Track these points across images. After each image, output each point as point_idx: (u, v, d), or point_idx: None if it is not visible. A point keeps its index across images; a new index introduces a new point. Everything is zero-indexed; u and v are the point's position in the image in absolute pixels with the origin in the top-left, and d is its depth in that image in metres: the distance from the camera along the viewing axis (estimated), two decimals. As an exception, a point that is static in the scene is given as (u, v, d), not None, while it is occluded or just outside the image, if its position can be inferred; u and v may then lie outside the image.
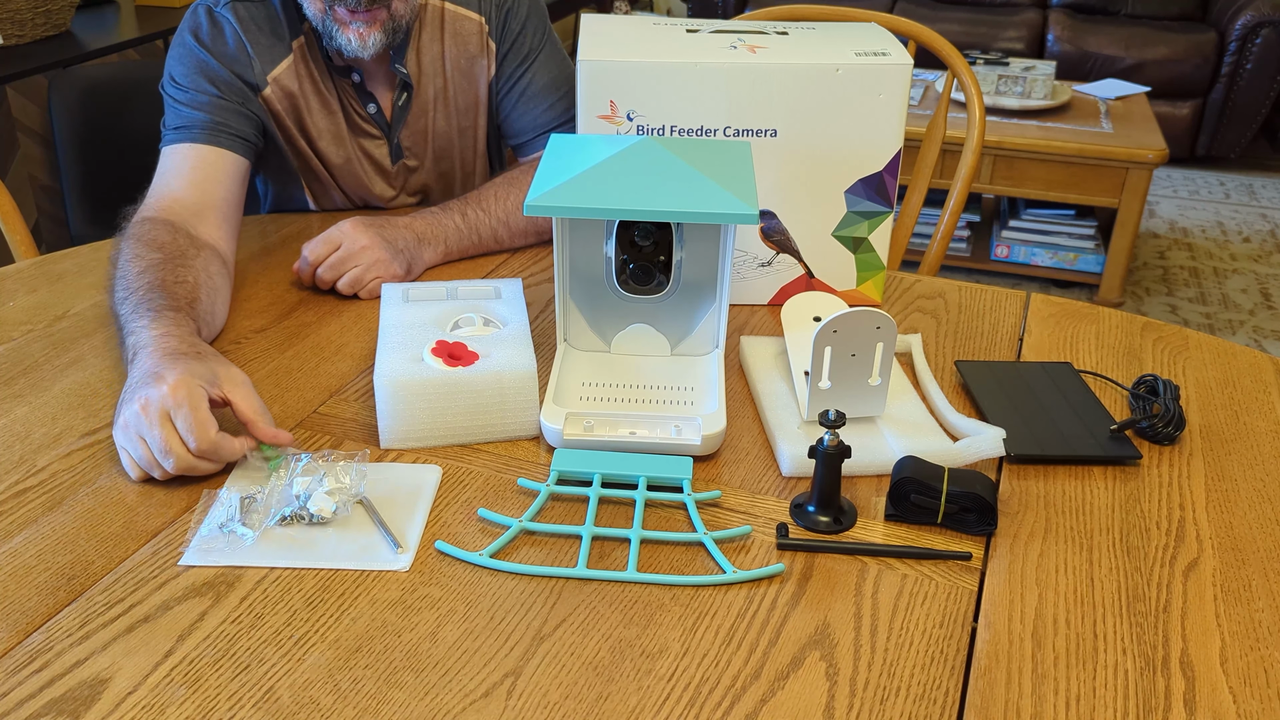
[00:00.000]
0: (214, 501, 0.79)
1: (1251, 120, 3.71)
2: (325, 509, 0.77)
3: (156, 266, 0.99)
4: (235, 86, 1.20)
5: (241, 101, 1.20)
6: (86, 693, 0.63)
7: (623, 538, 0.78)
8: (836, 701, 0.64)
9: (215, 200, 1.14)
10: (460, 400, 0.86)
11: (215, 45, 1.19)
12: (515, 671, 0.66)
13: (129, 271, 0.99)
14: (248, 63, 1.20)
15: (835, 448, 0.77)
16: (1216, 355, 1.05)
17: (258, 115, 1.22)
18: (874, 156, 1.06)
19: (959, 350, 1.05)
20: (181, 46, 1.20)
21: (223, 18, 1.20)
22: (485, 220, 1.22)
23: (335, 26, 1.16)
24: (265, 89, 1.22)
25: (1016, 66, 2.96)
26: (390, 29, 1.18)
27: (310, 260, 1.12)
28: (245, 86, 1.20)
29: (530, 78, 1.31)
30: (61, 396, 0.94)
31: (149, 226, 1.06)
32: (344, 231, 1.12)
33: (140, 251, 1.01)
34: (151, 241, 1.02)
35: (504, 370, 0.87)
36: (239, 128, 1.19)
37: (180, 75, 1.19)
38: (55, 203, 2.29)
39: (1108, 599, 0.73)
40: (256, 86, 1.21)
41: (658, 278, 0.95)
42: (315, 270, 1.12)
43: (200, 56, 1.19)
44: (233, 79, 1.19)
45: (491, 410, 0.87)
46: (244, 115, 1.20)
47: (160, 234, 1.04)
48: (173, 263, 1.00)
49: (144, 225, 1.06)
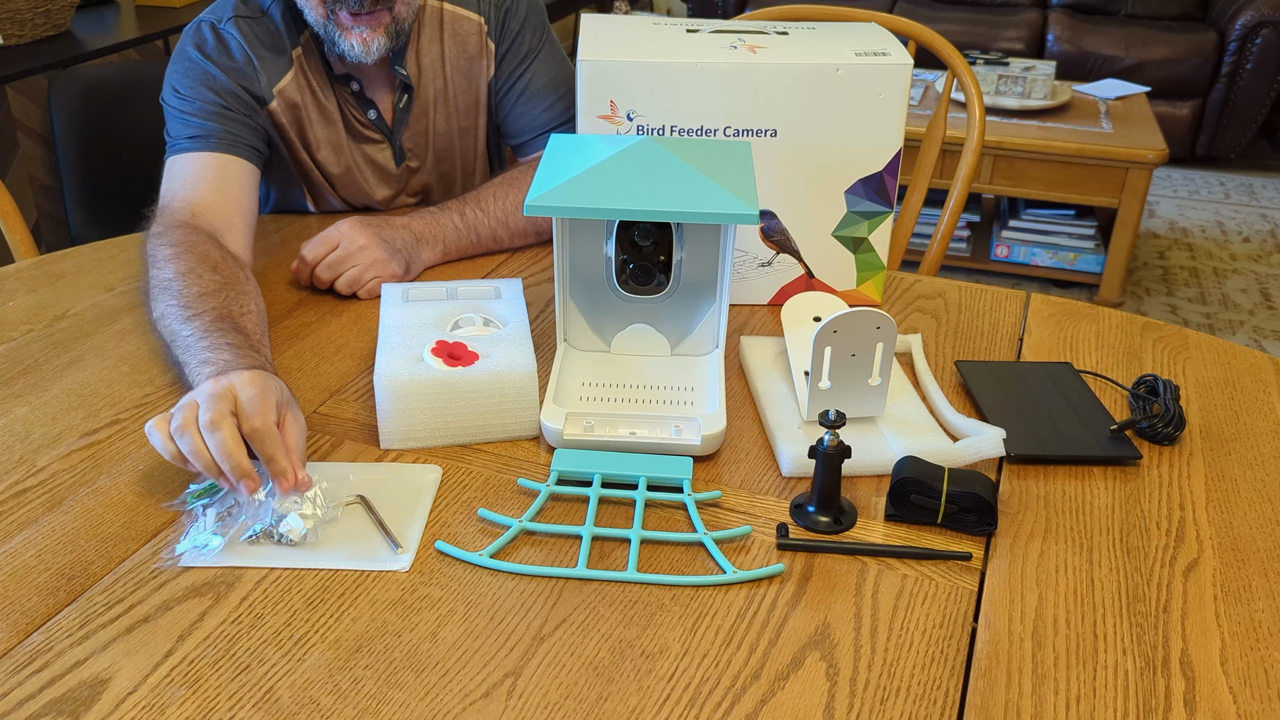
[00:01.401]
0: (188, 521, 0.78)
1: (1251, 120, 3.71)
2: (295, 531, 0.76)
3: (218, 292, 0.97)
4: (243, 99, 1.19)
5: (249, 114, 1.20)
6: (86, 693, 0.63)
7: (623, 538, 0.78)
8: (836, 701, 0.64)
9: (241, 209, 1.14)
10: (460, 400, 0.86)
11: (221, 60, 1.19)
12: (515, 671, 0.66)
13: (188, 291, 0.96)
14: (254, 76, 1.20)
15: (835, 448, 0.77)
16: (1216, 355, 1.05)
17: (264, 128, 1.22)
18: (874, 156, 1.06)
19: (959, 350, 1.05)
20: (186, 61, 1.20)
21: (227, 33, 1.20)
22: (484, 220, 1.22)
23: (338, 32, 1.16)
24: (271, 102, 1.22)
25: (1016, 66, 2.96)
26: (393, 32, 1.18)
27: (308, 260, 1.12)
28: (252, 100, 1.20)
29: (529, 78, 1.31)
30: (61, 396, 0.94)
31: (190, 234, 1.04)
32: (342, 231, 1.12)
33: (194, 267, 0.99)
34: (204, 258, 1.01)
35: (504, 370, 0.87)
36: (249, 138, 1.19)
37: (185, 88, 1.18)
38: (55, 203, 2.29)
39: (1108, 599, 0.73)
40: (263, 100, 1.21)
41: (658, 278, 0.95)
42: (313, 270, 1.12)
43: (207, 70, 1.18)
44: (240, 92, 1.19)
45: (491, 410, 0.87)
46: (252, 127, 1.20)
47: (209, 250, 1.02)
48: (232, 290, 0.98)
49: (185, 231, 1.05)
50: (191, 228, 1.06)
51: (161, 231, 1.06)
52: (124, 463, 0.85)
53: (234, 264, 1.03)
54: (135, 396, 0.94)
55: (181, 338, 0.92)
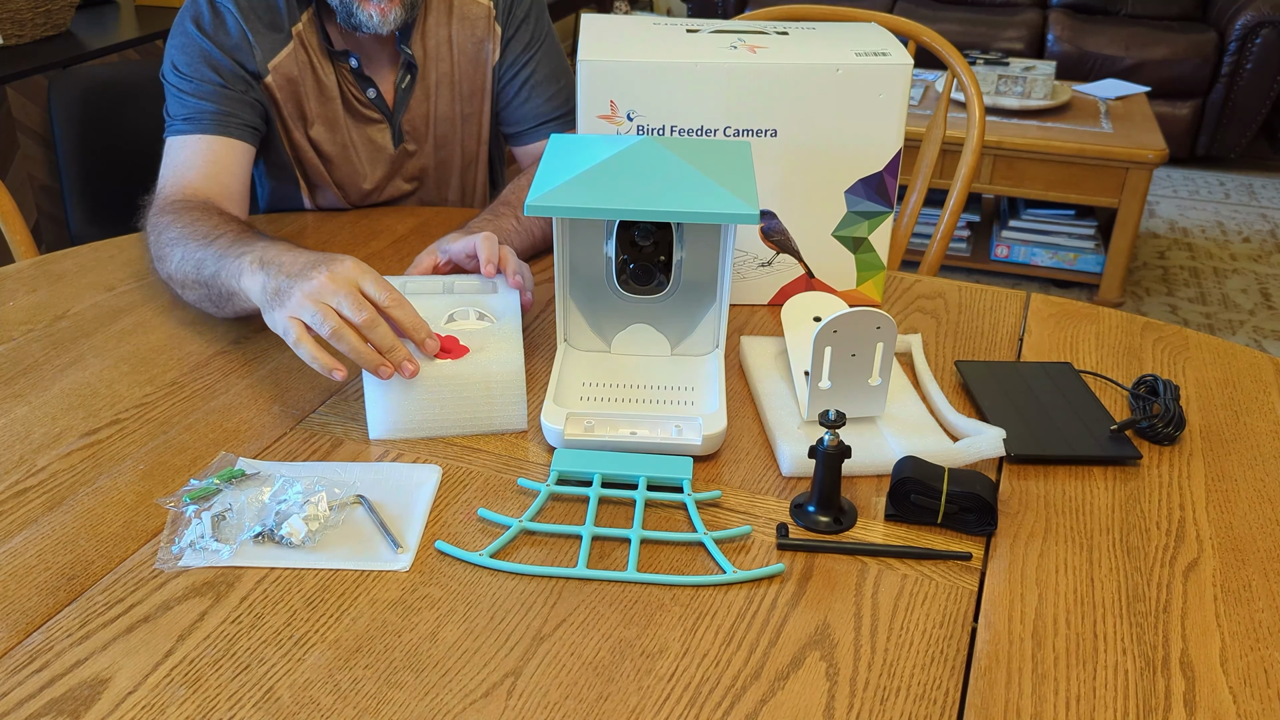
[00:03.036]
0: (183, 522, 0.78)
1: (1251, 120, 3.71)
2: (296, 533, 0.76)
3: (229, 226, 1.01)
4: (239, 75, 1.20)
5: (245, 89, 1.20)
6: (86, 693, 0.63)
7: (623, 538, 0.78)
8: (836, 701, 0.64)
9: (230, 192, 1.17)
10: (447, 393, 0.87)
11: (217, 34, 1.19)
12: (515, 671, 0.66)
13: (199, 230, 1.01)
14: (249, 51, 1.20)
15: (835, 448, 0.77)
16: (1216, 355, 1.05)
17: (261, 103, 1.23)
18: (874, 156, 1.06)
19: (959, 350, 1.05)
20: (183, 35, 1.20)
21: (224, 7, 1.20)
22: (538, 219, 1.21)
23: (354, 3, 1.17)
24: (267, 77, 1.22)
25: (1016, 66, 2.96)
26: (409, 3, 1.19)
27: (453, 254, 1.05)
28: (248, 75, 1.21)
29: (534, 67, 1.31)
30: (61, 396, 0.94)
31: (188, 204, 1.08)
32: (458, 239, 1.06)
33: (199, 218, 1.03)
34: (207, 215, 1.05)
35: (491, 364, 0.87)
36: (245, 116, 1.20)
37: (183, 64, 1.19)
38: (55, 203, 2.28)
39: (1108, 599, 0.73)
40: (259, 75, 1.22)
41: (658, 278, 0.95)
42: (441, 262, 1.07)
43: (203, 45, 1.19)
44: (236, 68, 1.20)
45: (479, 403, 0.88)
46: (248, 103, 1.21)
47: (210, 212, 1.06)
48: (244, 226, 1.03)
49: (183, 203, 1.08)
50: (189, 202, 1.09)
51: (159, 210, 1.09)
52: (124, 463, 0.85)
53: (237, 220, 1.07)
54: (135, 396, 0.94)
55: (211, 256, 0.96)
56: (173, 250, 1.02)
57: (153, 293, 1.13)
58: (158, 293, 1.13)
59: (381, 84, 1.28)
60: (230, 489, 0.80)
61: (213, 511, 0.77)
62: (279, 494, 0.78)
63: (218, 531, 0.76)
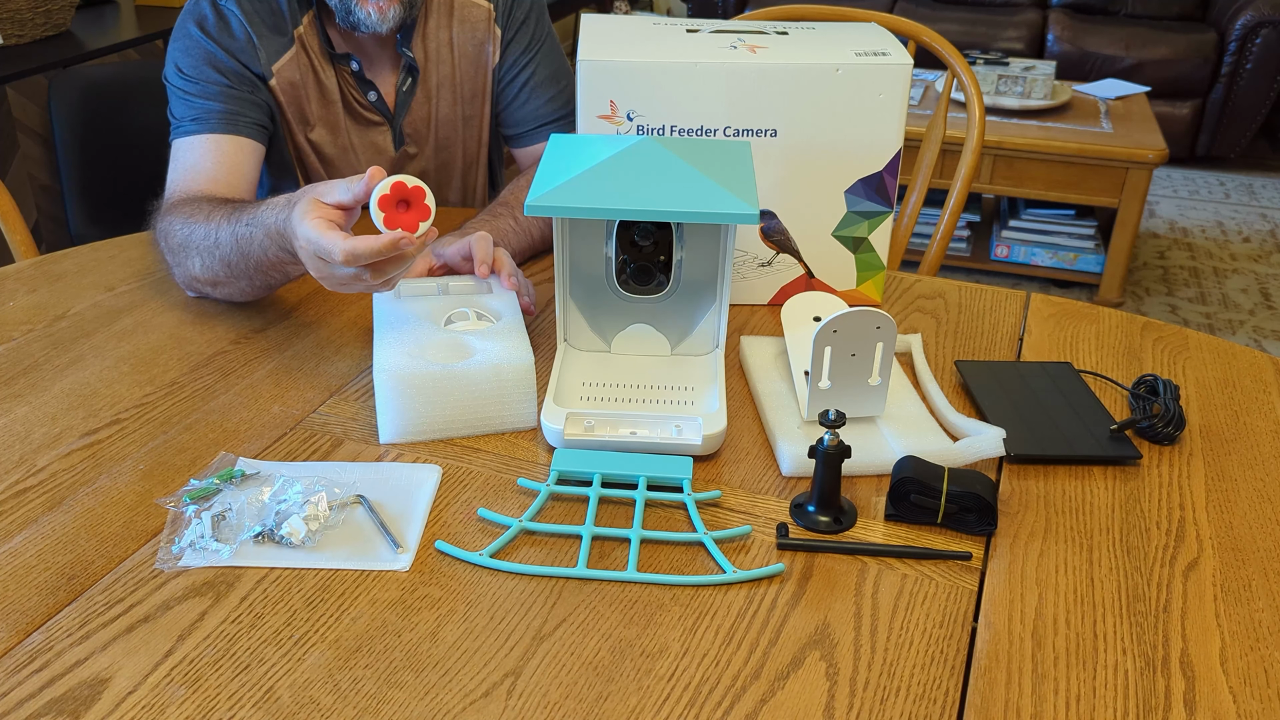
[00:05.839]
0: (182, 522, 0.78)
1: (1251, 120, 3.71)
2: (296, 533, 0.76)
3: (237, 203, 1.02)
4: (244, 77, 1.20)
5: (251, 90, 1.20)
6: (86, 693, 0.63)
7: (623, 538, 0.78)
8: (836, 701, 0.64)
9: (240, 192, 1.17)
10: (459, 393, 0.86)
11: (222, 36, 1.19)
12: (515, 671, 0.66)
13: (217, 214, 1.01)
14: (254, 54, 1.20)
15: (835, 448, 0.77)
16: (1216, 355, 1.05)
17: (267, 103, 1.23)
18: (874, 156, 1.06)
19: (959, 350, 1.05)
20: (187, 38, 1.20)
21: (227, 9, 1.20)
22: (536, 220, 1.21)
23: (353, 0, 1.17)
24: (271, 80, 1.22)
25: (1016, 66, 2.96)
26: (408, 2, 1.19)
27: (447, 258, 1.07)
28: (254, 77, 1.21)
29: (534, 69, 1.31)
30: (61, 396, 0.94)
31: (196, 199, 1.08)
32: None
33: (214, 209, 1.03)
34: (218, 205, 1.05)
35: (502, 363, 0.87)
36: (253, 114, 1.20)
37: (188, 67, 1.19)
38: (55, 203, 2.28)
39: (1108, 599, 0.73)
40: (263, 77, 1.21)
41: (658, 278, 0.95)
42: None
43: (207, 48, 1.19)
44: (241, 70, 1.20)
45: (490, 402, 0.88)
46: (256, 103, 1.21)
47: (220, 202, 1.07)
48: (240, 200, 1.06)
49: (190, 199, 1.09)
50: (198, 196, 1.09)
51: (167, 211, 1.08)
52: (124, 463, 0.85)
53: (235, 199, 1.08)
54: (135, 396, 0.94)
55: (243, 222, 0.96)
56: (190, 252, 1.02)
57: (153, 293, 1.13)
58: (158, 293, 1.13)
59: (382, 87, 1.28)
60: (230, 489, 0.80)
61: (213, 511, 0.77)
62: (279, 494, 0.78)
63: (218, 531, 0.76)
